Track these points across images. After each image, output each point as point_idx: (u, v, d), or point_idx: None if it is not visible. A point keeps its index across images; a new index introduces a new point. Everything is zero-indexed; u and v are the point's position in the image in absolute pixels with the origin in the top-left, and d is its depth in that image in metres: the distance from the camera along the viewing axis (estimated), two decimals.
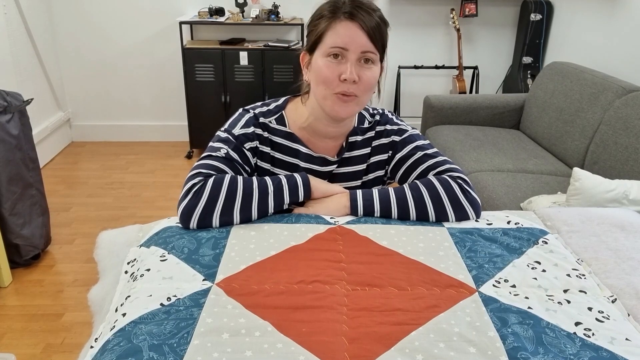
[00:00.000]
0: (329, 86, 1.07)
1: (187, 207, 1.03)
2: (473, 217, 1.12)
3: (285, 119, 1.19)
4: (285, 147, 1.20)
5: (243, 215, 1.05)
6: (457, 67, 3.71)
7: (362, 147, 1.24)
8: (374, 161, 1.25)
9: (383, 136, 1.24)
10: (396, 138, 1.23)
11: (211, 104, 3.54)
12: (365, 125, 1.24)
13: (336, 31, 1.04)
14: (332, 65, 1.05)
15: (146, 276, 0.90)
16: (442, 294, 0.86)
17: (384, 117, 1.25)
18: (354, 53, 1.05)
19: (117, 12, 3.67)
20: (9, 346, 1.88)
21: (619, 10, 2.76)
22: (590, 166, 2.33)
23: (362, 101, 1.10)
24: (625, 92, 2.32)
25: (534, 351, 0.74)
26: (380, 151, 1.24)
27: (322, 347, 0.73)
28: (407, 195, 1.10)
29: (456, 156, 2.58)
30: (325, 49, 1.06)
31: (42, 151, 3.43)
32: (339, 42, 1.04)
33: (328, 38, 1.05)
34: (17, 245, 2.26)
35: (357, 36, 1.04)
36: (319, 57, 1.07)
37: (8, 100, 2.17)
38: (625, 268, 0.95)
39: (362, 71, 1.06)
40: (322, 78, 1.07)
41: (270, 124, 1.19)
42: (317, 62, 1.08)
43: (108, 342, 0.76)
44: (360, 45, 1.04)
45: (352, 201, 1.10)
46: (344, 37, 1.04)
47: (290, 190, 1.09)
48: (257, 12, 3.49)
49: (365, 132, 1.23)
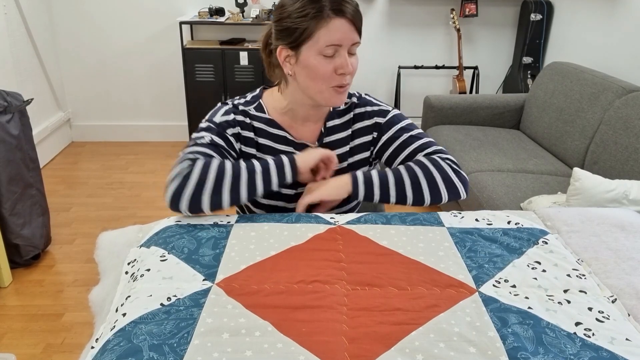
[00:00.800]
0: (326, 81, 1.10)
1: (176, 190, 1.05)
2: (464, 195, 1.18)
3: (263, 106, 1.22)
4: (267, 133, 1.21)
5: (233, 196, 1.06)
6: (457, 67, 3.71)
7: (341, 130, 1.25)
8: (358, 144, 1.26)
9: (365, 118, 1.25)
10: (380, 120, 1.25)
11: (211, 104, 3.54)
12: (342, 107, 1.26)
13: (329, 30, 1.06)
14: (327, 62, 1.08)
15: (146, 276, 0.90)
16: (442, 293, 0.86)
17: (362, 100, 1.27)
18: (345, 48, 1.08)
19: (117, 12, 3.67)
20: (9, 346, 1.88)
21: (619, 10, 2.76)
22: (590, 166, 2.33)
23: (350, 85, 1.15)
24: (625, 92, 2.32)
25: (534, 351, 0.74)
26: (363, 133, 1.26)
27: (322, 347, 0.73)
28: (404, 177, 1.14)
29: (456, 156, 2.58)
30: (320, 48, 1.07)
31: (42, 151, 3.43)
32: (334, 40, 1.06)
33: (321, 37, 1.06)
34: (17, 245, 2.26)
35: (349, 32, 1.07)
36: (312, 55, 1.08)
37: (8, 100, 2.17)
38: (625, 268, 0.95)
39: (352, 60, 1.11)
40: (320, 75, 1.09)
41: (250, 111, 1.21)
42: (309, 60, 1.09)
43: (108, 342, 0.76)
44: (352, 39, 1.08)
45: (353, 178, 1.14)
46: (338, 35, 1.06)
47: (277, 168, 1.11)
48: (257, 12, 3.49)
49: (342, 115, 1.25)
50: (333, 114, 1.25)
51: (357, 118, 1.25)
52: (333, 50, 1.07)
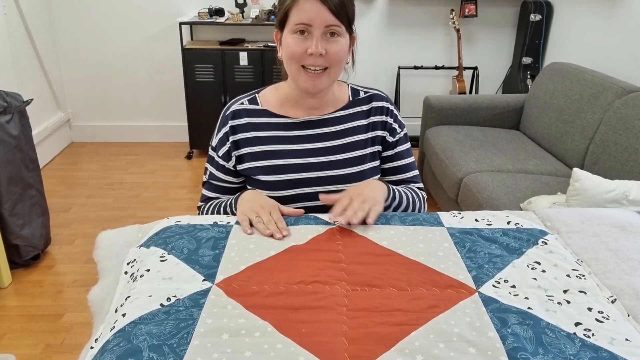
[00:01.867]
0: (297, 60, 1.12)
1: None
2: None
3: (257, 99, 1.26)
4: (262, 123, 1.24)
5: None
6: (457, 68, 3.71)
7: (358, 119, 1.27)
8: (373, 136, 1.27)
9: (384, 114, 1.28)
10: (396, 126, 1.28)
11: (211, 104, 3.54)
12: (361, 95, 1.28)
13: (299, 8, 1.09)
14: (299, 41, 1.11)
15: (146, 276, 0.90)
16: (442, 294, 0.86)
17: (384, 96, 1.30)
18: (317, 28, 1.09)
19: (117, 13, 3.67)
20: (9, 347, 1.88)
21: (619, 10, 2.76)
22: (590, 166, 2.33)
23: (333, 73, 1.16)
24: (625, 93, 2.32)
25: (534, 351, 0.74)
26: (380, 127, 1.28)
27: (322, 348, 0.73)
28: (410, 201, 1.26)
29: (456, 156, 2.58)
30: (291, 26, 1.11)
31: (42, 152, 3.42)
32: (303, 19, 1.09)
33: (293, 15, 1.10)
34: (16, 245, 2.26)
35: (319, 12, 1.08)
36: (287, 34, 1.13)
37: (8, 100, 2.17)
38: (625, 268, 0.95)
39: (329, 45, 1.11)
40: (290, 53, 1.12)
41: (242, 105, 1.25)
42: (286, 39, 1.13)
43: (108, 343, 0.76)
44: (323, 20, 1.09)
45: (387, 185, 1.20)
46: (307, 14, 1.08)
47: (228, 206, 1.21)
48: (257, 13, 3.49)
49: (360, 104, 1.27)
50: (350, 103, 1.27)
51: (375, 111, 1.28)
52: (304, 28, 1.09)
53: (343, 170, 1.23)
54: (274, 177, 1.20)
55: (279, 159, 1.21)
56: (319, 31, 1.09)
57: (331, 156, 1.23)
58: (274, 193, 1.21)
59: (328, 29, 1.10)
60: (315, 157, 1.22)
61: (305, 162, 1.22)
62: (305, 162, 1.22)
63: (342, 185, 1.23)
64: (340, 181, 1.23)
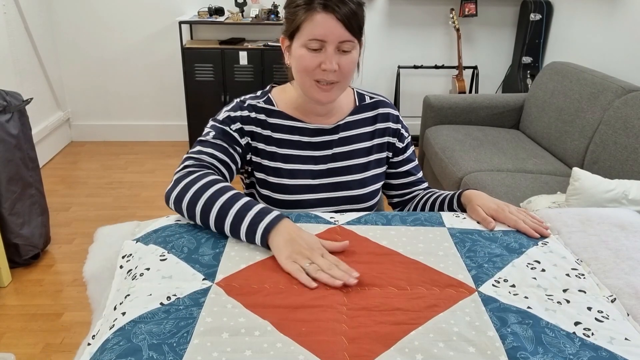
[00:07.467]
0: (309, 74, 1.11)
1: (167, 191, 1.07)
2: None
3: (272, 100, 1.24)
4: (277, 125, 1.22)
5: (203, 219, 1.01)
6: (457, 67, 3.71)
7: (363, 126, 1.27)
8: (380, 143, 1.28)
9: (390, 120, 1.29)
10: (403, 131, 1.31)
11: (211, 103, 3.54)
12: (367, 101, 1.29)
13: (313, 23, 1.06)
14: (312, 56, 1.09)
15: (146, 275, 0.90)
16: (442, 293, 0.86)
17: (389, 103, 1.31)
18: (332, 44, 1.07)
19: (116, 12, 3.67)
20: (9, 346, 1.88)
21: (619, 10, 2.76)
22: (590, 166, 2.33)
23: (343, 85, 1.15)
24: (625, 92, 2.32)
25: (534, 351, 0.74)
26: (386, 134, 1.29)
27: (322, 347, 0.73)
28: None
29: (456, 156, 2.58)
30: (304, 40, 1.08)
31: (42, 151, 3.42)
32: (317, 35, 1.07)
33: (306, 29, 1.07)
34: (16, 244, 2.26)
35: (334, 28, 1.06)
36: (298, 46, 1.10)
37: (7, 99, 2.17)
38: (624, 268, 0.95)
39: (342, 59, 1.10)
40: (303, 67, 1.11)
41: (259, 104, 1.22)
42: (296, 51, 1.11)
43: (107, 341, 0.76)
44: (338, 36, 1.07)
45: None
46: (321, 30, 1.06)
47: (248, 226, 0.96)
48: (257, 12, 3.49)
49: (366, 110, 1.28)
50: (355, 110, 1.27)
51: (381, 119, 1.28)
52: (318, 44, 1.08)
53: (346, 177, 1.24)
54: (282, 181, 1.20)
55: (289, 163, 1.21)
56: (333, 46, 1.07)
57: (337, 163, 1.24)
58: (277, 195, 1.21)
59: (342, 45, 1.08)
60: (323, 165, 1.23)
61: (313, 169, 1.22)
62: (313, 169, 1.22)
63: (345, 192, 1.24)
64: (343, 188, 1.24)
